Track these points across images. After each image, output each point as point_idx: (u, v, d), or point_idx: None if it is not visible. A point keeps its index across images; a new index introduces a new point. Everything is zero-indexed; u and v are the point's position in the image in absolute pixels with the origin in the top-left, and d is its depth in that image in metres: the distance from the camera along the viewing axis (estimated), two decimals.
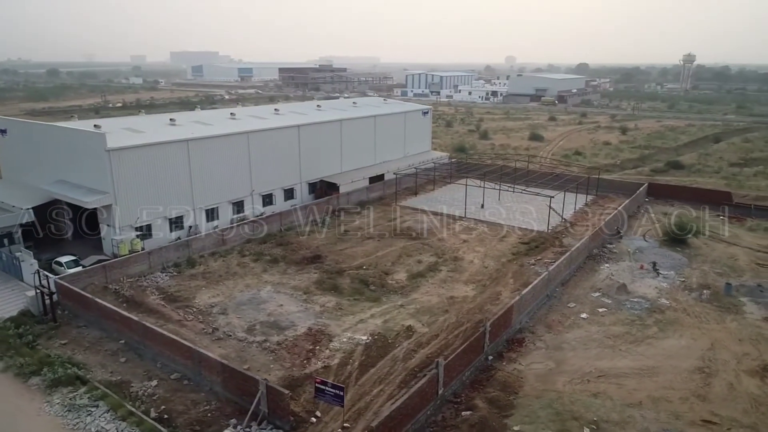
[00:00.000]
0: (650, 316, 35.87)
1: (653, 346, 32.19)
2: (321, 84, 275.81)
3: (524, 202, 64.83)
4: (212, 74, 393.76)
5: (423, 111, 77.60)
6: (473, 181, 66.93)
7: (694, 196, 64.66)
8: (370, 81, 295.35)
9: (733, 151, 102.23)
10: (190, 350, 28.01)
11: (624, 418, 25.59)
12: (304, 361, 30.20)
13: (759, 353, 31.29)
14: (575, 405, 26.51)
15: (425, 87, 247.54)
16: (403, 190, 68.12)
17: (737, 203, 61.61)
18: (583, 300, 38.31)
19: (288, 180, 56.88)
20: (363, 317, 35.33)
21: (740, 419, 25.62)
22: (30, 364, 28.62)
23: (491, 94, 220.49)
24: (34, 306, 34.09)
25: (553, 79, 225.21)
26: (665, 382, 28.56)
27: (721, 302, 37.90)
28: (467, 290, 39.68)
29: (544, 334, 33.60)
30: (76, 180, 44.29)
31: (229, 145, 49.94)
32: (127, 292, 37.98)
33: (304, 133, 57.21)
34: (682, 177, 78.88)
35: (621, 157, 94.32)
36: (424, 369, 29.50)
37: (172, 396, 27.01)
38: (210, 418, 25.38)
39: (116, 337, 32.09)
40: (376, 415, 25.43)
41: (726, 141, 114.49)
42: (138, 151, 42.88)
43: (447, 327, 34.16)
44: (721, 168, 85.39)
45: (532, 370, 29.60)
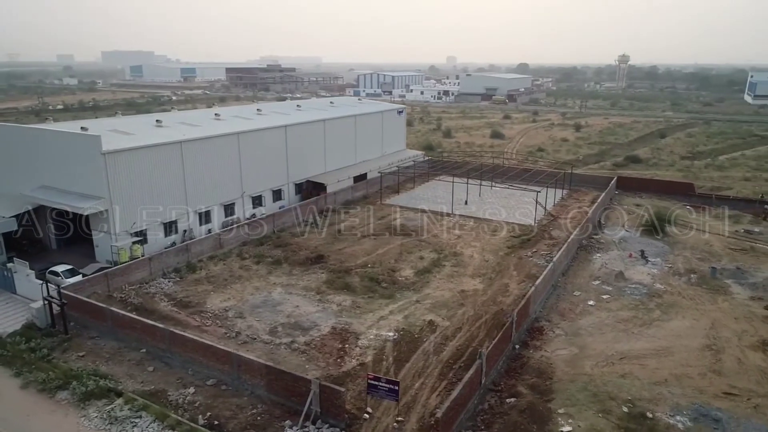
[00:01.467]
0: (651, 300, 38.11)
1: (661, 327, 34.28)
2: (270, 84, 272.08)
3: (504, 197, 66.94)
4: (152, 74, 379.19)
5: (398, 110, 78.42)
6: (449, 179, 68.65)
7: (659, 188, 68.68)
8: (321, 81, 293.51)
9: (680, 145, 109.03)
10: (228, 355, 27.50)
11: (654, 396, 27.23)
12: (337, 360, 30.24)
13: (755, 330, 33.95)
14: (608, 386, 27.95)
15: (377, 87, 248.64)
16: (384, 188, 68.69)
17: (699, 194, 66.03)
18: (586, 288, 40.18)
19: (276, 181, 56.20)
20: (382, 314, 35.65)
21: (756, 390, 27.81)
22: (55, 379, 27.22)
23: (443, 93, 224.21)
24: (40, 318, 32.31)
25: (503, 78, 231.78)
26: (681, 360, 30.55)
27: (709, 285, 40.72)
28: (475, 284, 40.71)
29: (559, 321, 35.07)
30: (62, 185, 42.09)
31: (221, 146, 48.84)
32: (135, 300, 36.60)
33: (290, 133, 56.68)
34: (642, 170, 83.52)
35: (581, 153, 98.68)
36: (458, 361, 30.26)
37: (213, 402, 26.44)
38: (261, 421, 25.07)
39: (136, 346, 30.95)
40: (425, 407, 25.99)
41: (671, 136, 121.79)
42: (134, 154, 41.28)
43: (467, 320, 35.02)
44: (675, 161, 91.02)
45: (559, 356, 30.90)
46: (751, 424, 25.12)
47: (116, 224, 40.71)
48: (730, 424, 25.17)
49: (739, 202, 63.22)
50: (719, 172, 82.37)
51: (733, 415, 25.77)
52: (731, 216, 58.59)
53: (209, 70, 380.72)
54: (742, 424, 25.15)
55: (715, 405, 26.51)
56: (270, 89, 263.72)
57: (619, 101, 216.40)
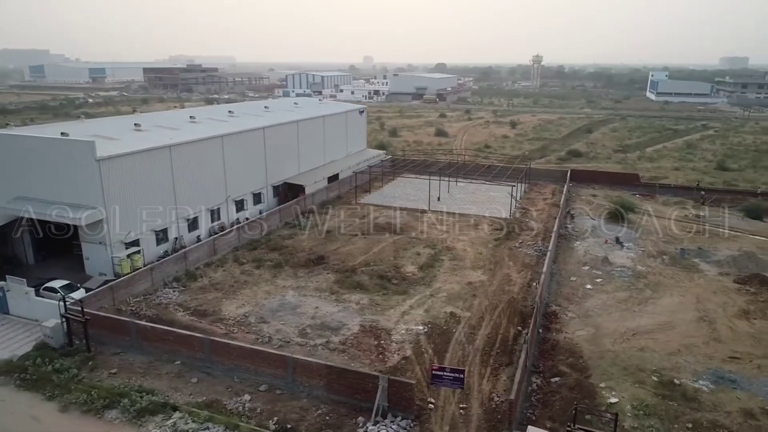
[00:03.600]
0: (638, 281, 41.72)
1: (657, 305, 37.76)
2: (193, 85, 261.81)
3: (470, 192, 69.76)
4: (56, 75, 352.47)
5: (359, 110, 79.04)
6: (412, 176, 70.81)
7: (609, 179, 74.33)
8: (246, 82, 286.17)
9: (608, 139, 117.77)
10: (282, 359, 27.33)
11: (674, 365, 30.20)
12: (379, 356, 30.79)
13: (734, 301, 38.25)
14: (632, 360, 30.62)
15: (306, 87, 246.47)
16: (353, 188, 69.22)
17: (644, 183, 72.25)
18: (579, 274, 43.21)
19: (256, 184, 55.18)
20: (403, 309, 36.51)
21: (753, 352, 31.60)
22: (98, 398, 25.75)
23: (374, 93, 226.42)
24: (56, 337, 30.19)
25: (431, 78, 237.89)
26: (684, 332, 33.96)
27: (681, 264, 45.13)
28: (478, 275, 42.53)
29: (568, 306, 37.63)
30: (43, 195, 39.14)
31: (207, 149, 47.34)
32: (148, 311, 35.00)
33: (268, 134, 55.83)
34: (584, 163, 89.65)
35: (525, 149, 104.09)
36: (493, 348, 31.84)
37: (273, 407, 26.20)
38: (331, 421, 25.23)
39: (168, 359, 29.79)
40: (480, 392, 27.29)
41: (596, 132, 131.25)
42: (127, 160, 39.19)
43: (486, 309, 36.71)
44: (610, 155, 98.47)
45: (580, 337, 33.31)
46: (760, 382, 28.63)
47: (112, 234, 38.53)
48: (743, 383, 28.52)
49: (679, 189, 69.96)
50: (651, 163, 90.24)
51: (743, 375, 29.20)
52: (677, 202, 64.80)
53: (121, 71, 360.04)
54: (753, 382, 28.60)
55: (726, 368, 29.88)
56: (193, 90, 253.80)
57: (539, 99, 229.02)
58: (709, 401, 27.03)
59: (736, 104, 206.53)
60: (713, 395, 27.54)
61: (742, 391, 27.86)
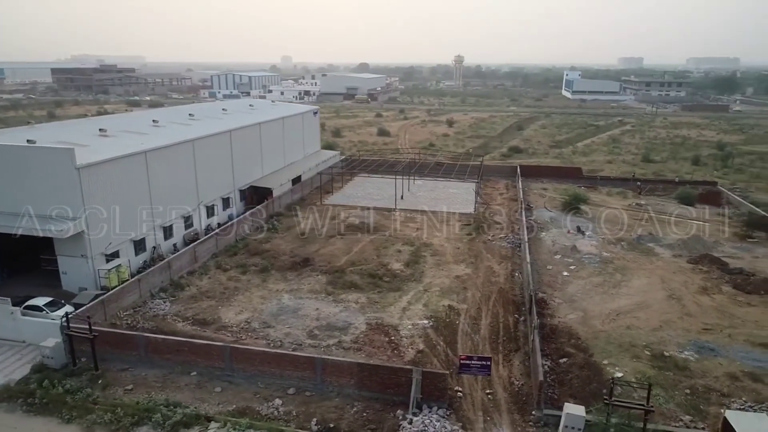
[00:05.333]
0: (607, 266, 45.16)
1: (629, 286, 41.16)
2: (109, 86, 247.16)
3: (429, 190, 71.74)
4: None
5: (313, 111, 78.79)
6: (366, 176, 72.07)
7: (554, 173, 79.01)
8: (168, 83, 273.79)
9: (541, 136, 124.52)
10: (311, 360, 27.47)
11: (659, 339, 33.31)
12: (394, 351, 31.58)
13: (692, 280, 42.44)
14: (623, 337, 33.42)
15: (233, 88, 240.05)
16: (315, 190, 69.14)
17: (586, 176, 77.48)
18: (553, 262, 46.08)
19: (225, 189, 53.89)
20: (403, 305, 37.45)
21: (721, 323, 35.42)
22: (126, 416, 24.72)
23: (304, 93, 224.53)
24: (57, 357, 28.43)
25: (362, 78, 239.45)
26: (659, 309, 37.38)
27: (639, 249, 49.25)
28: (463, 269, 44.24)
29: (552, 292, 40.14)
30: (11, 208, 36.24)
31: (180, 154, 45.69)
32: (145, 323, 33.63)
33: (235, 137, 54.67)
34: (526, 159, 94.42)
35: (467, 146, 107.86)
36: (498, 336, 33.59)
37: (307, 409, 26.32)
38: (370, 416, 25.76)
39: (182, 370, 28.98)
40: (500, 377, 28.86)
41: (527, 129, 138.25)
42: (107, 167, 37.21)
43: (480, 301, 38.46)
44: (547, 150, 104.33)
45: (571, 320, 35.77)
46: (734, 349, 32.28)
47: (94, 246, 36.52)
48: (721, 351, 32.03)
49: (617, 180, 75.72)
50: (585, 157, 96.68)
51: (719, 344, 32.75)
52: (618, 192, 70.20)
53: (23, 71, 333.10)
54: (728, 349, 32.19)
55: (703, 339, 33.36)
56: (109, 92, 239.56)
57: (466, 98, 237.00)
58: (698, 369, 30.17)
59: (642, 101, 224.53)
60: (699, 363, 30.75)
61: (722, 358, 31.28)
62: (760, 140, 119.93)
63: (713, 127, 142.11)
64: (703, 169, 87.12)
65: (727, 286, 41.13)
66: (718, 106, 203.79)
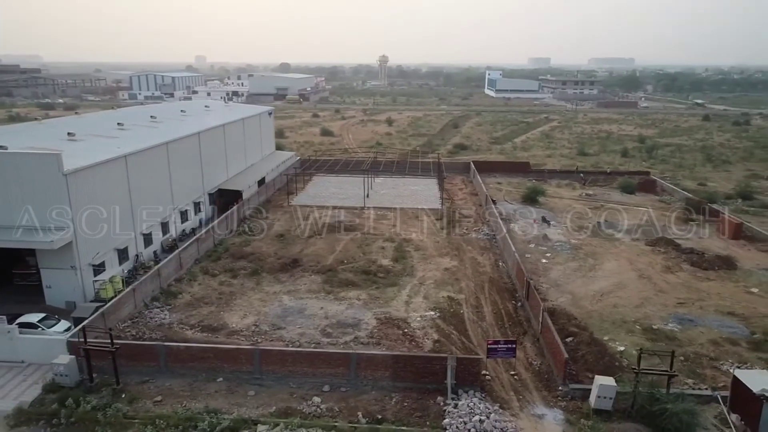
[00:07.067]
0: (578, 252, 48.49)
1: (603, 269, 44.54)
2: (13, 88, 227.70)
3: (391, 187, 72.94)
4: None
5: (268, 112, 77.59)
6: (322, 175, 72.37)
7: (504, 168, 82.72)
8: (81, 84, 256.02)
9: (478, 133, 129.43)
10: (346, 356, 27.83)
11: (644, 315, 36.53)
12: (412, 342, 32.51)
13: (655, 260, 46.56)
14: (613, 315, 36.35)
15: (155, 89, 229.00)
16: (278, 191, 68.43)
17: (534, 170, 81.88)
18: (529, 251, 48.76)
19: (195, 193, 52.23)
20: (404, 299, 38.42)
21: (691, 297, 39.36)
22: (169, 426, 23.94)
23: (233, 94, 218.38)
24: (71, 374, 26.83)
25: (291, 78, 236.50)
26: (635, 288, 40.85)
27: (601, 236, 53.20)
28: (449, 262, 45.82)
29: (537, 278, 42.62)
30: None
31: (155, 158, 43.82)
32: (152, 333, 32.32)
33: (203, 139, 53.10)
34: (471, 155, 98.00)
35: (413, 144, 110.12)
36: (503, 321, 35.42)
37: (348, 404, 26.68)
38: (412, 405, 26.51)
39: (207, 377, 28.32)
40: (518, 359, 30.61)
41: (463, 126, 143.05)
42: (92, 173, 35.18)
43: (476, 290, 40.18)
44: (489, 146, 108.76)
45: (562, 303, 38.32)
46: (708, 318, 36.08)
47: (82, 256, 34.49)
48: (698, 321, 35.70)
49: (563, 173, 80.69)
50: (526, 153, 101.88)
51: (695, 315, 36.48)
52: (567, 185, 74.92)
53: None
54: (704, 319, 35.92)
55: (681, 312, 36.99)
56: (14, 94, 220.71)
57: (396, 98, 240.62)
58: (685, 338, 33.52)
59: (560, 99, 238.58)
60: (684, 333, 34.15)
61: (701, 327, 34.90)
62: (671, 133, 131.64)
63: (629, 122, 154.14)
64: (632, 160, 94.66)
65: (685, 264, 45.54)
66: (627, 102, 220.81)
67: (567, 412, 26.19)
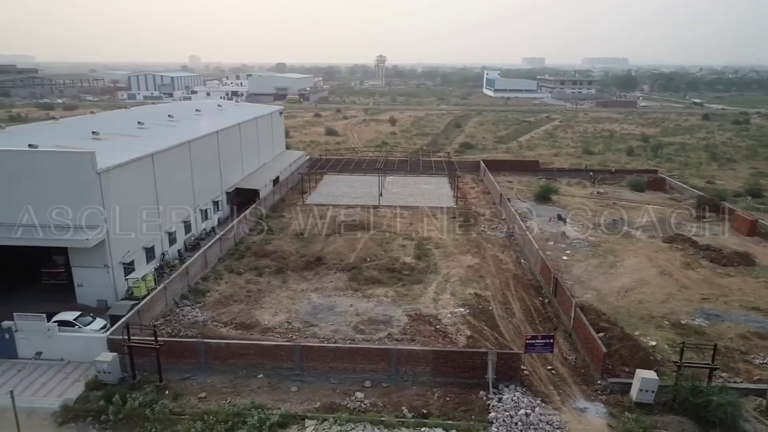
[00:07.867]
0: (597, 249, 48.88)
1: (624, 266, 44.94)
2: (10, 88, 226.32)
3: (403, 186, 73.17)
4: None
5: (279, 111, 77.66)
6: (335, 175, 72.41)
7: (514, 166, 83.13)
8: (78, 84, 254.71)
9: (482, 132, 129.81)
10: (386, 352, 28.03)
11: (670, 310, 36.95)
12: (446, 338, 32.76)
13: (674, 257, 47.03)
14: (640, 311, 36.73)
15: (154, 89, 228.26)
16: (291, 190, 68.55)
17: (543, 169, 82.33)
18: (549, 248, 49.11)
19: (214, 191, 52.27)
20: (431, 296, 38.68)
21: (713, 292, 39.82)
22: (219, 422, 24.06)
23: (232, 94, 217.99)
24: (114, 371, 26.92)
25: (291, 78, 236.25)
26: (658, 284, 41.28)
27: (617, 233, 53.63)
28: (471, 259, 46.10)
29: (561, 275, 42.87)
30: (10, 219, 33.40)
31: (179, 156, 43.89)
32: (187, 331, 32.43)
33: (222, 138, 53.16)
34: (478, 154, 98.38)
35: (419, 144, 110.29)
36: (532, 317, 35.73)
37: (391, 399, 26.90)
38: (455, 400, 26.76)
39: (247, 374, 28.49)
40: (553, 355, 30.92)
41: (465, 126, 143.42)
42: (124, 171, 35.23)
43: (501, 287, 40.48)
44: (495, 146, 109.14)
45: (588, 299, 38.70)
46: (734, 313, 36.54)
47: (114, 254, 34.53)
48: (725, 316, 36.15)
49: (572, 172, 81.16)
50: (532, 151, 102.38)
51: (721, 311, 36.94)
52: (577, 183, 75.38)
53: None
54: (730, 315, 36.37)
55: (706, 308, 37.44)
56: (11, 94, 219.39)
57: (396, 98, 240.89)
58: (713, 333, 33.93)
59: (558, 98, 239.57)
60: (712, 328, 34.58)
61: (729, 322, 35.35)
62: (673, 132, 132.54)
63: (630, 121, 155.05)
64: (637, 159, 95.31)
65: (704, 260, 46.04)
66: (626, 101, 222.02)
67: (608, 406, 26.51)
